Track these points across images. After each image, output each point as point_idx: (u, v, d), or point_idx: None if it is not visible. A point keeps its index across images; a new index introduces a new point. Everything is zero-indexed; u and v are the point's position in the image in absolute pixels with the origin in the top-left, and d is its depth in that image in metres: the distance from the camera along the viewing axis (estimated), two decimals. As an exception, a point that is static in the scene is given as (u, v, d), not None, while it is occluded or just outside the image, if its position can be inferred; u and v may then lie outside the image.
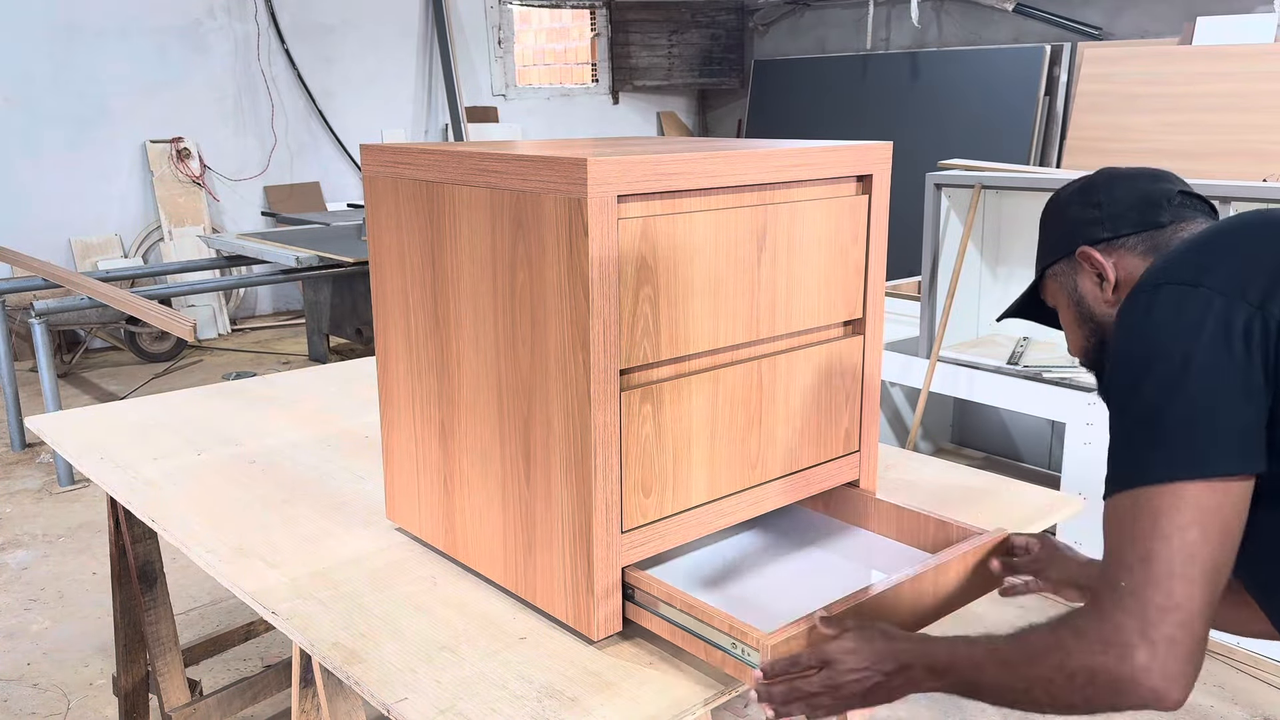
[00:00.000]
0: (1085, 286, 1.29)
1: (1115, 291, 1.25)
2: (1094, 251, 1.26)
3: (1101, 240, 1.26)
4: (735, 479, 1.48)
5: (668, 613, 1.31)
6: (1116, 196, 1.27)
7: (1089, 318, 1.30)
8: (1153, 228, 1.24)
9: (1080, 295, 1.30)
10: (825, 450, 1.61)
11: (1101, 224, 1.27)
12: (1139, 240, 1.25)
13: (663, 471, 1.38)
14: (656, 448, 1.37)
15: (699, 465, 1.43)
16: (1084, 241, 1.27)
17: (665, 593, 1.31)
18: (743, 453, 1.48)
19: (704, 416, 1.42)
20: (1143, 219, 1.25)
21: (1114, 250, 1.26)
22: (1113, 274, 1.25)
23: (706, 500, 1.45)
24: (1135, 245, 1.25)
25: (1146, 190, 1.27)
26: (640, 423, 1.34)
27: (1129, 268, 1.24)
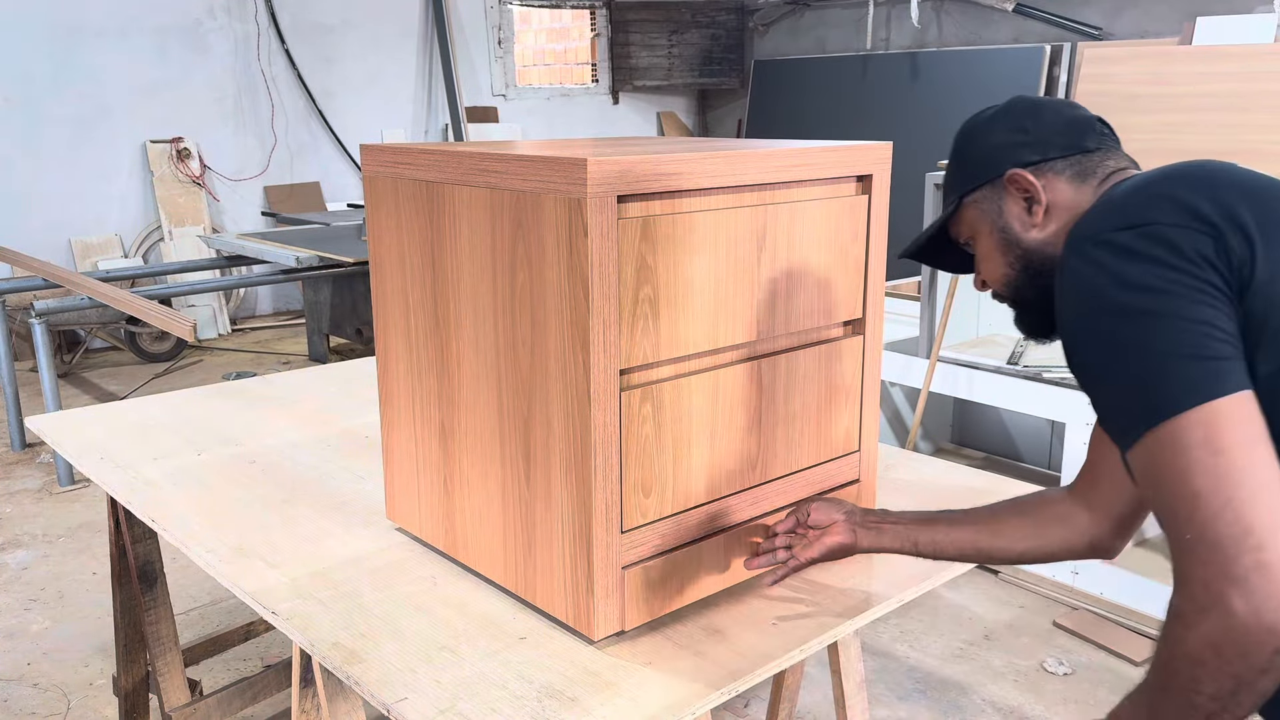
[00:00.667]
0: (1012, 212, 1.25)
1: (1045, 216, 1.23)
2: (1025, 173, 1.23)
3: (1030, 163, 1.23)
4: (735, 479, 1.48)
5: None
6: (1044, 120, 1.25)
7: (1014, 244, 1.26)
8: (1080, 152, 1.23)
9: (1005, 222, 1.26)
10: (825, 450, 1.61)
11: (1030, 147, 1.24)
12: (1067, 165, 1.23)
13: (663, 471, 1.38)
14: (656, 448, 1.37)
15: (699, 465, 1.43)
16: (1012, 164, 1.24)
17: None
18: (743, 453, 1.48)
19: (704, 416, 1.42)
20: (1070, 143, 1.23)
21: (1042, 174, 1.23)
22: (1043, 197, 1.22)
23: (706, 500, 1.45)
24: (1064, 169, 1.23)
25: (1071, 116, 1.26)
26: (640, 423, 1.34)
27: (1058, 191, 1.23)
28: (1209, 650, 0.92)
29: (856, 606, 1.48)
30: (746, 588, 1.53)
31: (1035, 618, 3.18)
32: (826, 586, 1.54)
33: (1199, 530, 0.93)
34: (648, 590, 1.40)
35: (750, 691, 2.75)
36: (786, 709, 2.30)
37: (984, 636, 3.08)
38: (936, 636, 3.08)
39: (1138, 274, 1.00)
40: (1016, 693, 2.79)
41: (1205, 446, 0.94)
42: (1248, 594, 0.89)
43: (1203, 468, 0.94)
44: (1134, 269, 1.00)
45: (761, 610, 1.47)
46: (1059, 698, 2.77)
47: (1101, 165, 1.23)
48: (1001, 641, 3.05)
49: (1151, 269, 0.99)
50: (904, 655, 2.98)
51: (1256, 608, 0.89)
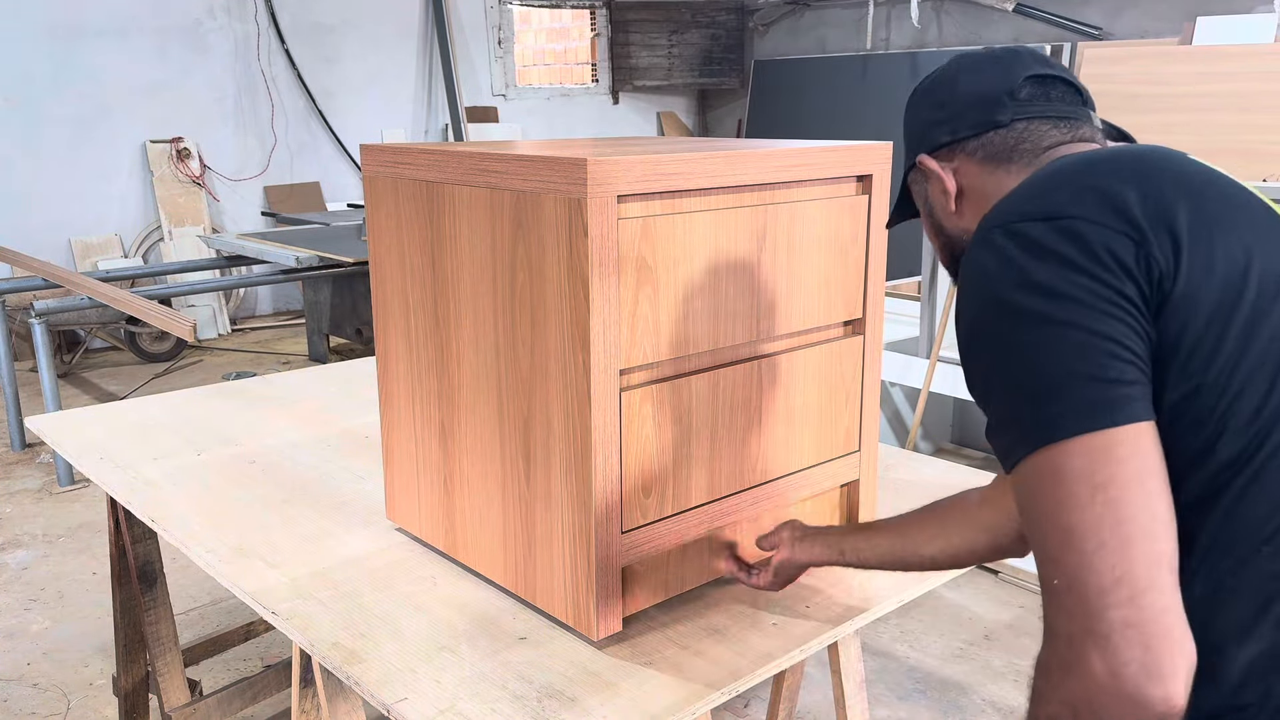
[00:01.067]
0: (934, 196, 1.16)
1: (959, 202, 1.12)
2: (930, 161, 1.13)
3: (942, 146, 1.13)
4: (735, 479, 1.48)
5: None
6: (959, 93, 1.13)
7: (939, 230, 1.18)
8: (991, 128, 1.09)
9: (931, 206, 1.17)
10: (825, 450, 1.61)
11: (942, 125, 1.13)
12: (978, 144, 1.10)
13: (663, 471, 1.38)
14: (656, 448, 1.37)
15: (699, 465, 1.43)
16: (925, 148, 1.15)
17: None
18: (743, 453, 1.48)
19: (704, 416, 1.42)
20: (980, 119, 1.10)
21: (955, 155, 1.12)
22: (953, 184, 1.12)
23: (706, 500, 1.45)
24: (975, 150, 1.10)
25: (988, 84, 1.11)
26: (640, 423, 1.34)
27: (970, 174, 1.11)
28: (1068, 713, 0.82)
29: (856, 606, 1.48)
30: (747, 589, 1.53)
31: (1035, 618, 3.17)
32: (826, 587, 1.54)
33: (1068, 576, 0.82)
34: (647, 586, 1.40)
35: (750, 691, 2.75)
36: (786, 709, 2.30)
37: (984, 636, 3.08)
38: (936, 636, 3.08)
39: (1043, 273, 0.87)
40: (1016, 693, 2.79)
41: (1086, 480, 0.82)
42: (1110, 655, 0.78)
43: (1079, 503, 0.82)
44: (1040, 267, 0.87)
45: (761, 610, 1.47)
46: (1059, 698, 2.76)
47: (1024, 142, 1.08)
48: (1001, 641, 3.05)
49: (1059, 270, 0.86)
50: (904, 655, 2.98)
51: (1117, 671, 0.78)
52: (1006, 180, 1.08)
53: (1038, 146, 1.08)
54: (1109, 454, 0.82)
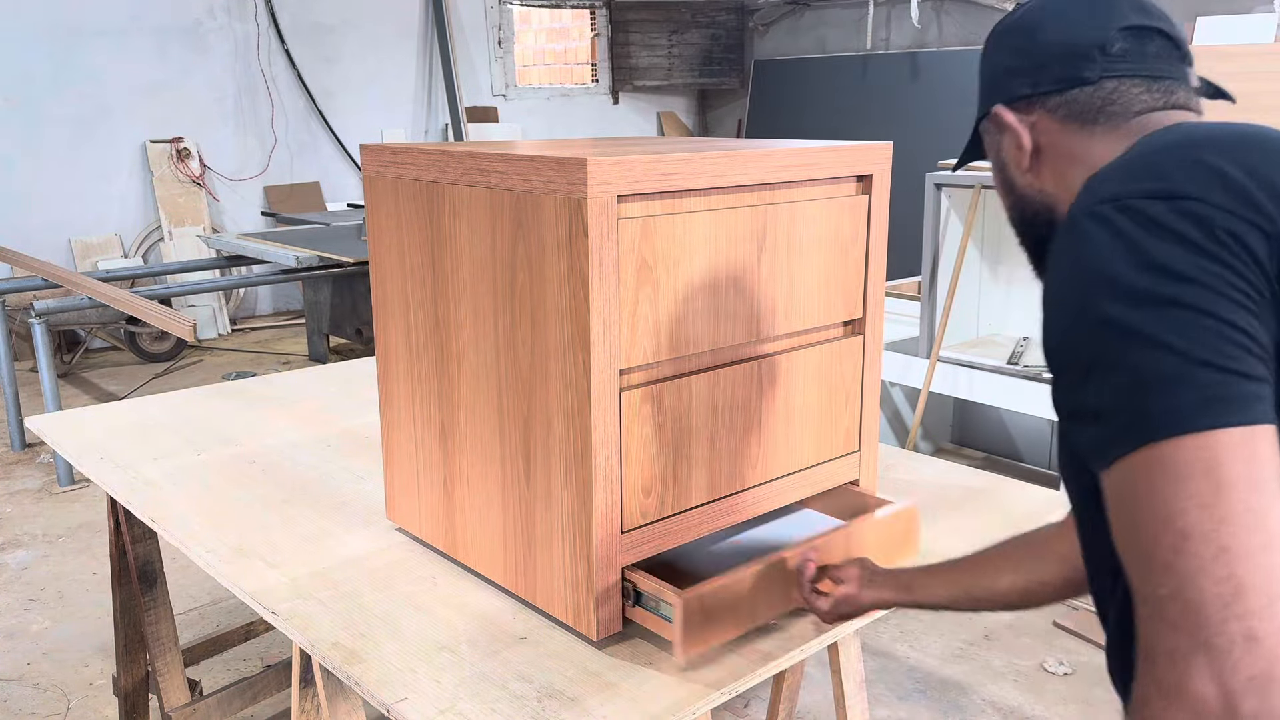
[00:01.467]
0: (1008, 151, 1.07)
1: (1035, 160, 1.04)
2: (1007, 113, 1.04)
3: (1021, 98, 1.03)
4: (735, 479, 1.48)
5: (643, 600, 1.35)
6: (1045, 40, 1.02)
7: (1010, 188, 1.09)
8: (1076, 85, 0.99)
9: (1003, 161, 1.08)
10: (825, 450, 1.61)
11: (1023, 75, 1.03)
12: (1061, 101, 1.00)
13: (663, 471, 1.38)
14: (656, 448, 1.37)
15: (699, 465, 1.43)
16: (1002, 99, 1.05)
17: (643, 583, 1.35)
18: (743, 453, 1.48)
19: (704, 416, 1.42)
20: (1066, 74, 1.00)
21: (1034, 109, 1.03)
22: (1028, 140, 1.03)
23: (706, 500, 1.45)
24: (1057, 107, 1.01)
25: (1077, 33, 1.00)
26: (640, 423, 1.34)
27: (1050, 132, 1.02)
28: None
29: (856, 606, 1.48)
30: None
31: (1035, 618, 3.18)
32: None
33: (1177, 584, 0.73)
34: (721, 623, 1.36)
35: (750, 691, 2.75)
36: (786, 709, 2.30)
37: (984, 636, 3.08)
38: (936, 636, 3.08)
39: (1166, 254, 0.78)
40: (1016, 693, 2.79)
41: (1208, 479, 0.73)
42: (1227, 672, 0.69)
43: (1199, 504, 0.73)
44: (1162, 248, 0.78)
45: (761, 610, 1.47)
46: (1059, 698, 2.77)
47: (1113, 103, 0.98)
48: (1001, 641, 3.05)
49: (1184, 252, 0.78)
50: (904, 655, 2.98)
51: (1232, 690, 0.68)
52: (1089, 143, 0.99)
53: (1127, 110, 0.98)
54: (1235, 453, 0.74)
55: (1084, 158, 0.99)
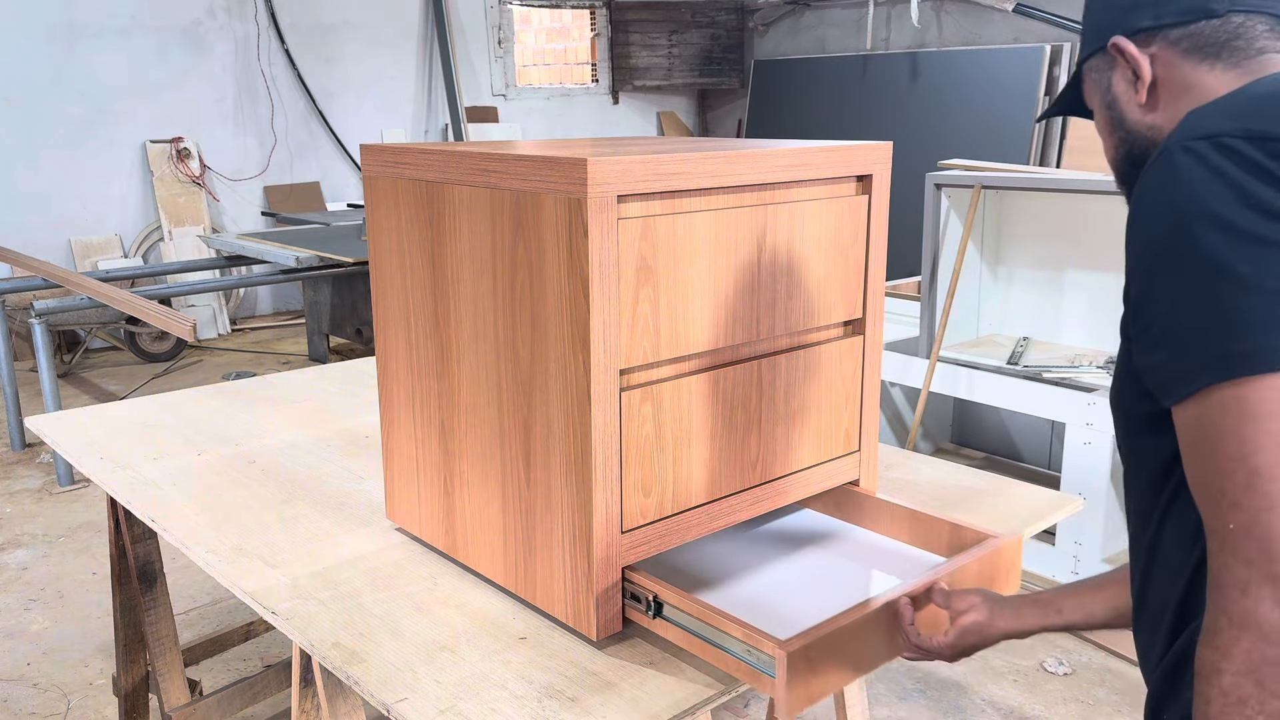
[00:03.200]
0: (1119, 87, 1.05)
1: (1151, 93, 1.02)
2: (1128, 44, 1.02)
3: (1142, 30, 1.02)
4: (735, 479, 1.48)
5: (676, 617, 1.31)
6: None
7: (1120, 124, 1.07)
8: (1203, 16, 0.98)
9: (1113, 97, 1.07)
10: (825, 450, 1.61)
11: (1144, 7, 1.02)
12: (1184, 33, 0.99)
13: (663, 471, 1.38)
14: (656, 448, 1.37)
15: (699, 465, 1.43)
16: (1120, 31, 1.03)
17: (675, 599, 1.30)
18: (743, 453, 1.48)
19: (704, 416, 1.42)
20: (1191, 5, 0.99)
21: (1154, 41, 1.01)
22: (1148, 71, 1.01)
23: (706, 500, 1.45)
24: (1179, 40, 0.99)
25: None
26: (640, 423, 1.34)
27: (1169, 65, 1.00)
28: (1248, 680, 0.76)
29: (856, 606, 1.48)
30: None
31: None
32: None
33: (1247, 520, 0.77)
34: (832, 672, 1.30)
35: (750, 691, 2.75)
36: (786, 709, 2.29)
37: (984, 636, 3.07)
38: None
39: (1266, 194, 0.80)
40: (1016, 693, 2.79)
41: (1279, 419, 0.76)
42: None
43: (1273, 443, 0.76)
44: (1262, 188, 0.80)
45: (761, 610, 1.47)
46: (1059, 698, 2.77)
47: (1237, 38, 0.97)
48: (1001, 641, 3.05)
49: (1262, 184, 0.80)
50: (904, 655, 2.98)
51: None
52: (1209, 79, 0.98)
53: (1250, 46, 0.97)
54: None
55: (1202, 93, 0.98)
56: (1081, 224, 3.60)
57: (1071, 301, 3.67)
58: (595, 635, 1.35)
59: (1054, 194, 3.61)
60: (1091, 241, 3.58)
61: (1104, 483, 3.14)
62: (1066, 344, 3.68)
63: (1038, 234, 3.74)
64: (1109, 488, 3.14)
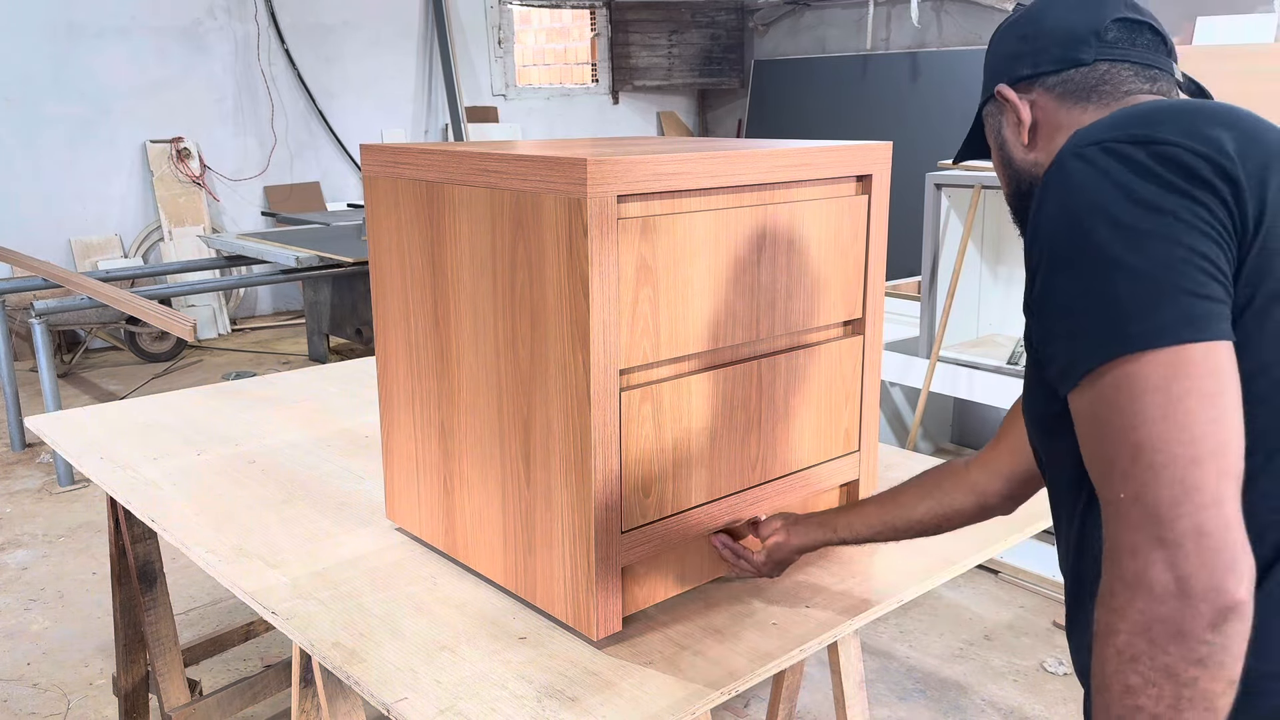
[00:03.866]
0: (1007, 130, 1.15)
1: (1032, 134, 1.12)
2: (1008, 91, 1.13)
3: (1022, 79, 1.12)
4: (735, 479, 1.48)
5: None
6: (1045, 28, 1.12)
7: (1009, 163, 1.16)
8: (1072, 65, 1.09)
9: (1003, 139, 1.16)
10: (825, 450, 1.61)
11: (1024, 59, 1.12)
12: (1058, 80, 1.09)
13: (662, 471, 1.38)
14: (656, 448, 1.37)
15: (699, 465, 1.43)
16: (1005, 79, 1.14)
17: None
18: (742, 453, 1.48)
19: (704, 416, 1.42)
20: (1064, 55, 1.09)
21: (1033, 88, 1.11)
22: (1027, 115, 1.11)
23: (706, 500, 1.45)
24: (1054, 86, 1.10)
25: (1075, 21, 1.10)
26: (640, 423, 1.34)
27: (1046, 109, 1.11)
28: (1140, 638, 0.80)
29: (856, 606, 1.48)
30: (747, 588, 1.53)
31: (1035, 618, 3.18)
32: (826, 587, 1.54)
33: (1135, 489, 0.81)
34: (645, 584, 1.40)
35: (750, 691, 2.75)
36: (786, 709, 2.30)
37: (984, 636, 3.08)
38: (936, 636, 3.08)
39: (1145, 190, 0.86)
40: (1016, 693, 2.79)
41: (1163, 392, 0.82)
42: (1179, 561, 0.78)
43: (1155, 415, 0.81)
44: (1142, 185, 0.87)
45: (761, 610, 1.47)
46: (1059, 698, 2.77)
47: (1105, 83, 1.08)
48: (1001, 641, 3.05)
49: (1160, 190, 0.86)
50: (904, 655, 2.98)
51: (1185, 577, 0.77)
52: (1082, 118, 1.07)
53: (1117, 90, 1.07)
54: (1190, 368, 0.82)
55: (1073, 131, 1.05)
56: (1081, 224, 3.59)
57: (1071, 301, 3.66)
58: (595, 635, 1.35)
59: (1054, 194, 3.60)
60: (1091, 241, 3.57)
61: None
62: (1066, 344, 3.66)
63: (1038, 234, 3.73)
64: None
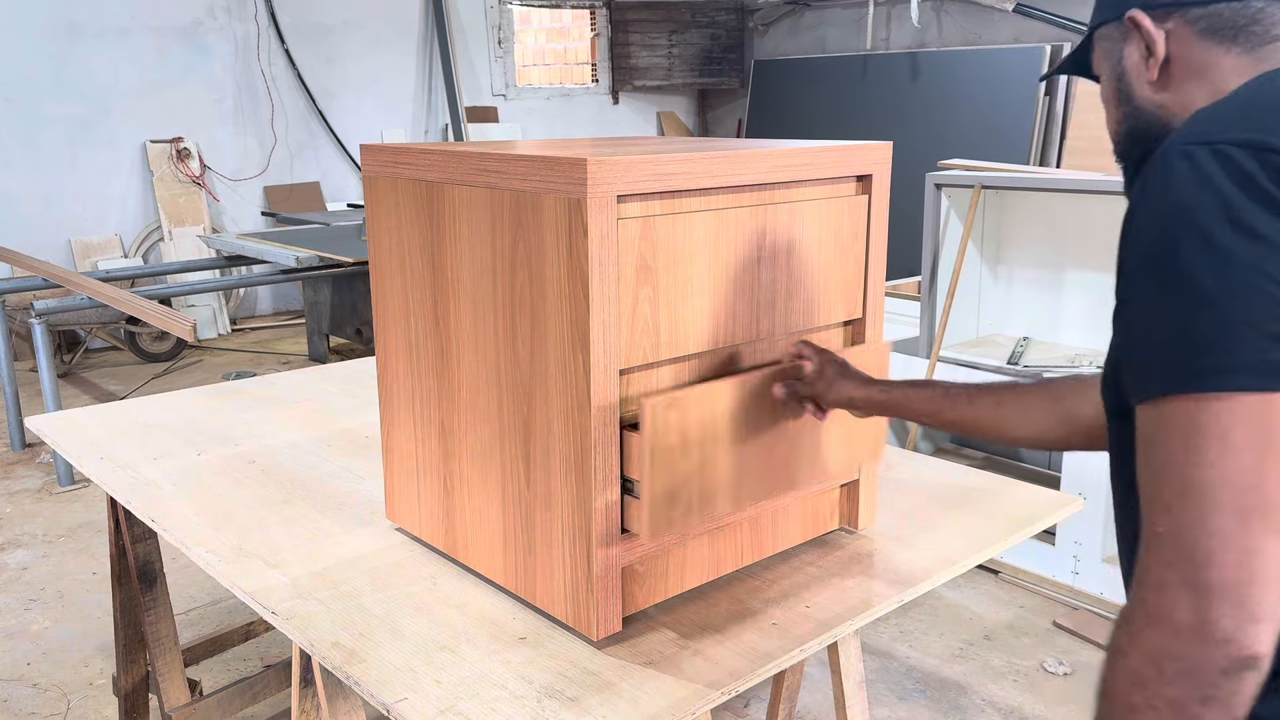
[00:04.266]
0: (1130, 60, 1.04)
1: (1165, 71, 1.01)
2: (1145, 18, 1.01)
3: (1161, 6, 1.00)
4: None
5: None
6: None
7: (1127, 98, 1.06)
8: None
9: (1123, 70, 1.05)
10: (825, 450, 1.61)
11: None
12: (1203, 13, 0.98)
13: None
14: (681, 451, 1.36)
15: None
16: (1139, 4, 1.02)
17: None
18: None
19: (721, 425, 1.41)
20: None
21: (1171, 18, 1.00)
22: (1162, 48, 1.00)
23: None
24: (1198, 19, 0.98)
25: None
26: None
27: (1185, 43, 0.99)
28: (1150, 666, 0.80)
29: (856, 606, 1.48)
30: (747, 588, 1.53)
31: (1035, 618, 3.18)
32: (826, 587, 1.54)
33: (1175, 527, 0.80)
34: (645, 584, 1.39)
35: (750, 691, 2.75)
36: (786, 709, 2.30)
37: (984, 636, 3.08)
38: (936, 636, 3.08)
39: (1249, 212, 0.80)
40: (1016, 693, 2.79)
41: (1221, 440, 0.78)
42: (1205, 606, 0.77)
43: (1209, 460, 0.79)
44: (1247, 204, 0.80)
45: (761, 610, 1.47)
46: (1059, 698, 2.77)
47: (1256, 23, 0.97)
48: (1001, 641, 3.05)
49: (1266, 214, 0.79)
50: (904, 655, 2.98)
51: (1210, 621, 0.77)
52: (1224, 61, 0.98)
53: (1268, 33, 0.97)
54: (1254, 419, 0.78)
55: (1213, 77, 0.98)
56: (1081, 224, 3.60)
57: (1071, 301, 3.67)
58: (595, 635, 1.35)
59: (1054, 194, 3.61)
60: (1091, 241, 3.58)
61: (1104, 483, 3.14)
62: (1066, 344, 3.67)
63: (1038, 234, 3.74)
64: (1109, 488, 3.14)
